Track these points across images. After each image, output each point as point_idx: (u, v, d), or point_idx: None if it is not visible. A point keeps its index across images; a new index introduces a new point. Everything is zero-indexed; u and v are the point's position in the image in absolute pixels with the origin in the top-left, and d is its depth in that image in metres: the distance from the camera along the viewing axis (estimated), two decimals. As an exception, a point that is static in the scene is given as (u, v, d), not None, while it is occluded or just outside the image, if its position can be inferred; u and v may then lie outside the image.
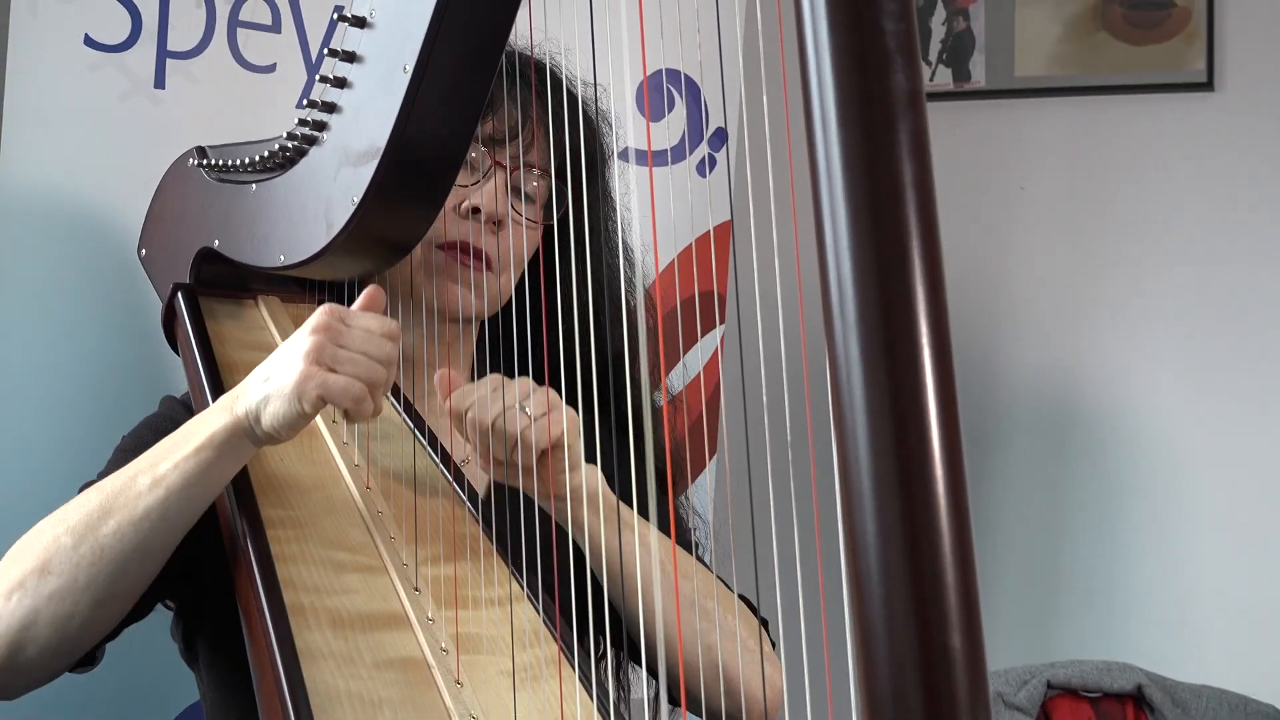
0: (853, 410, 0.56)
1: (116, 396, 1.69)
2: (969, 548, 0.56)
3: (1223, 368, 2.54)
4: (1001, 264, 2.66)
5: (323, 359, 1.05)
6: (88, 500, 1.07)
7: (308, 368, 1.04)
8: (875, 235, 0.56)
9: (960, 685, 0.55)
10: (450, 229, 1.28)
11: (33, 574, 1.05)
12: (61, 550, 1.05)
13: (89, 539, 1.05)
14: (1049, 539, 2.61)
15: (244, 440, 1.07)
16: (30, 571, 1.05)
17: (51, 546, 1.05)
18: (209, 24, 1.81)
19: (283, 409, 1.05)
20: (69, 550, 1.05)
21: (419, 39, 1.06)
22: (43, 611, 1.05)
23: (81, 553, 1.05)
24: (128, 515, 1.05)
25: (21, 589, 1.05)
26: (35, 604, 1.05)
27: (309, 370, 1.04)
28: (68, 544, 1.05)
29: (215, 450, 1.07)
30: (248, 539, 1.08)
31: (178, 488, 1.06)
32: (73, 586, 1.05)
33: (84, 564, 1.05)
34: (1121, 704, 1.96)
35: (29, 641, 1.05)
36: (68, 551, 1.05)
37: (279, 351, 1.09)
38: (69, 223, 1.73)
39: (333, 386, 1.04)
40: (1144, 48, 2.60)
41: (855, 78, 0.57)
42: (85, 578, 1.05)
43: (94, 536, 1.05)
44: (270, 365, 1.08)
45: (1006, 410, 2.63)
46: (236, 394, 1.09)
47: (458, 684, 1.01)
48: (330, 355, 1.05)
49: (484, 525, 1.18)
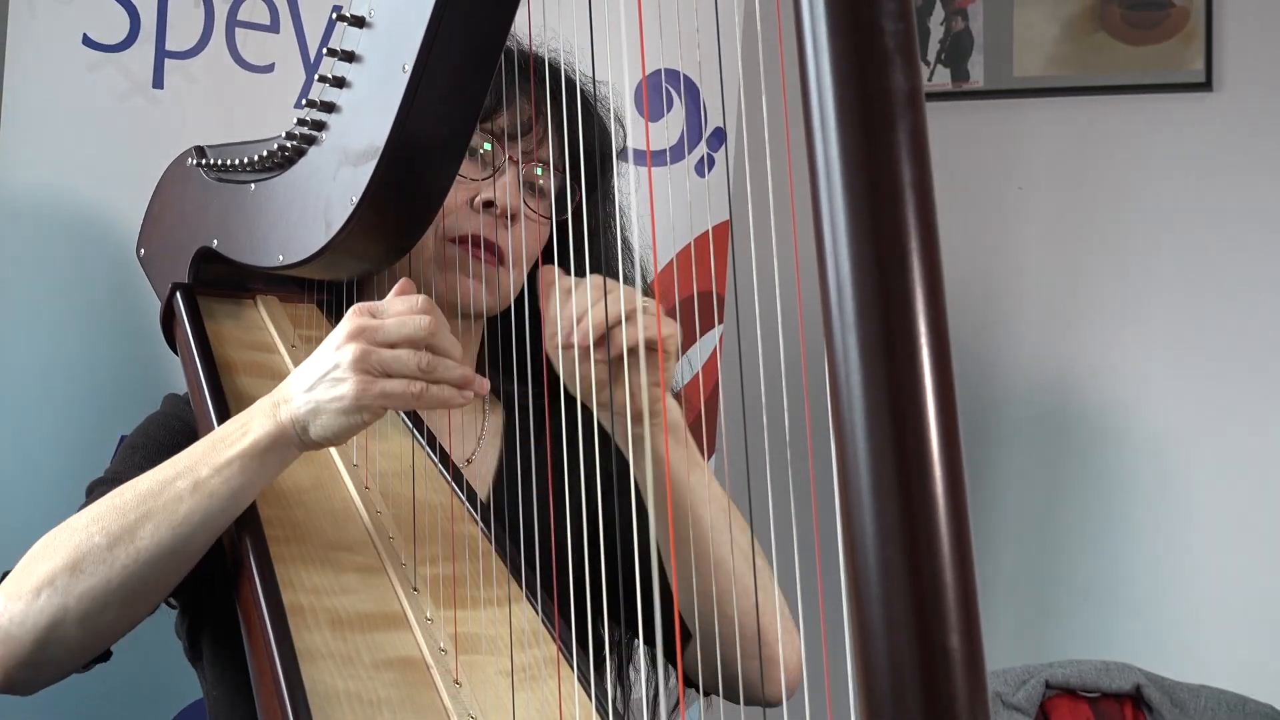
0: (851, 410, 0.56)
1: (115, 396, 1.69)
2: (968, 548, 0.56)
3: (1220, 367, 2.54)
4: (999, 264, 2.66)
5: (371, 366, 1.03)
6: (122, 500, 1.07)
7: (360, 377, 1.03)
8: (874, 235, 0.56)
9: (959, 686, 0.55)
10: (463, 223, 1.27)
11: (63, 572, 1.05)
12: (95, 550, 1.05)
13: (124, 540, 1.05)
14: (1047, 538, 2.61)
15: (289, 447, 1.07)
16: (60, 570, 1.05)
17: (85, 545, 1.05)
18: (207, 24, 1.81)
19: (339, 421, 1.04)
20: (103, 550, 1.05)
21: (418, 38, 1.06)
22: (72, 610, 1.05)
23: (116, 553, 1.04)
24: (166, 518, 1.05)
25: (51, 587, 1.05)
26: (65, 602, 1.05)
27: (362, 381, 1.03)
28: (101, 544, 1.05)
29: (259, 458, 1.06)
30: (246, 539, 1.08)
31: (222, 494, 1.05)
32: (105, 587, 1.04)
33: (117, 564, 1.04)
34: (1120, 704, 1.96)
35: (57, 640, 1.06)
36: (101, 551, 1.05)
37: (320, 358, 1.06)
38: (67, 222, 1.73)
39: (390, 391, 1.03)
40: (1142, 48, 2.60)
41: (854, 78, 0.57)
42: (118, 578, 1.04)
43: (130, 537, 1.05)
44: (313, 372, 1.06)
45: (1004, 410, 2.63)
46: (278, 400, 1.07)
47: (456, 684, 1.02)
48: (377, 360, 1.03)
49: (483, 525, 1.18)
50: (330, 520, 1.14)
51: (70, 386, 1.71)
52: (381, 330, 1.05)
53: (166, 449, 1.21)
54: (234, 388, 1.23)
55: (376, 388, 1.03)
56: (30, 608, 1.05)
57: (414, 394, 1.03)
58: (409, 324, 1.05)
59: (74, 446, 1.69)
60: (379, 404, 1.03)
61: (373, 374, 1.03)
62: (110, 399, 1.70)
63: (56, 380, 1.71)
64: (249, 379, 1.26)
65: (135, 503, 1.06)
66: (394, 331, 1.05)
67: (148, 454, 1.20)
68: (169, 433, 1.24)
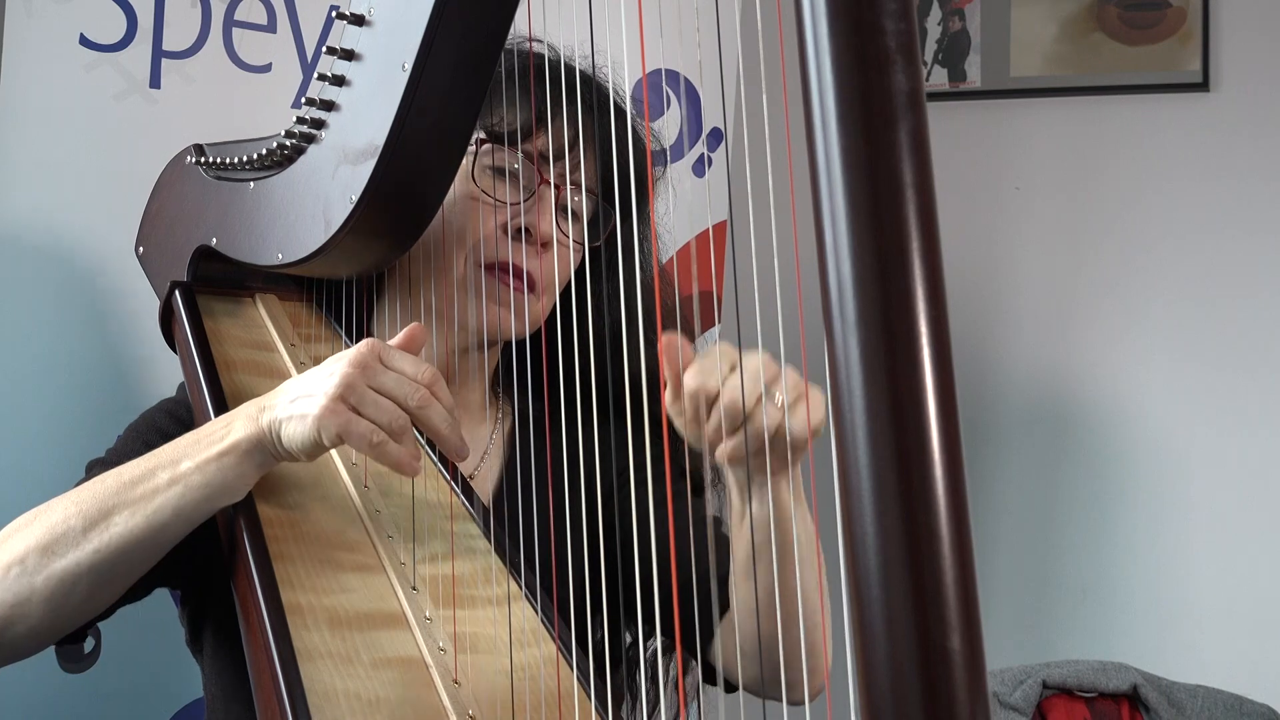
0: (852, 410, 0.56)
1: (113, 394, 1.69)
2: (968, 549, 0.56)
3: (1218, 367, 2.54)
4: (996, 264, 2.66)
5: (349, 397, 1.04)
6: (103, 486, 1.08)
7: (332, 403, 1.04)
8: (875, 235, 0.56)
9: (959, 686, 0.55)
10: (496, 248, 1.25)
11: (35, 551, 1.05)
12: (70, 533, 1.05)
13: (98, 525, 1.05)
14: (1045, 539, 2.61)
15: (266, 453, 1.07)
16: (33, 549, 1.06)
17: (60, 527, 1.06)
18: (204, 24, 1.81)
19: (301, 433, 1.05)
20: (77, 534, 1.05)
21: (418, 37, 1.06)
22: (39, 590, 1.05)
23: (89, 537, 1.05)
24: (141, 508, 1.06)
25: (21, 565, 1.05)
26: (33, 582, 1.05)
27: (333, 406, 1.04)
28: (77, 527, 1.05)
29: (238, 457, 1.07)
30: (245, 537, 1.08)
31: (197, 487, 1.06)
32: (74, 570, 1.05)
33: (88, 549, 1.05)
34: (1117, 704, 1.96)
35: (20, 618, 1.06)
36: (75, 535, 1.05)
37: (316, 373, 1.08)
38: (65, 221, 1.73)
39: (352, 429, 1.04)
40: (1139, 48, 2.60)
41: (855, 77, 0.57)
42: (88, 562, 1.05)
43: (103, 523, 1.05)
44: (302, 385, 1.07)
45: (1002, 410, 2.63)
46: (264, 404, 1.08)
47: (455, 683, 1.01)
48: (359, 396, 1.04)
49: (482, 524, 1.18)
50: (329, 519, 1.14)
51: (68, 384, 1.71)
52: (378, 377, 1.06)
53: (160, 431, 1.22)
54: (233, 385, 1.23)
55: (342, 417, 1.04)
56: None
57: (372, 442, 1.04)
58: (405, 388, 1.06)
59: (72, 444, 1.68)
60: (335, 430, 1.04)
61: (347, 405, 1.04)
62: (108, 397, 1.69)
63: (54, 378, 1.71)
64: (248, 377, 1.26)
65: (115, 490, 1.07)
66: (388, 386, 1.06)
67: (150, 439, 1.20)
68: (173, 420, 1.24)
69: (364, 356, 1.06)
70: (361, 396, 1.04)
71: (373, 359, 1.06)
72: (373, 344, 1.07)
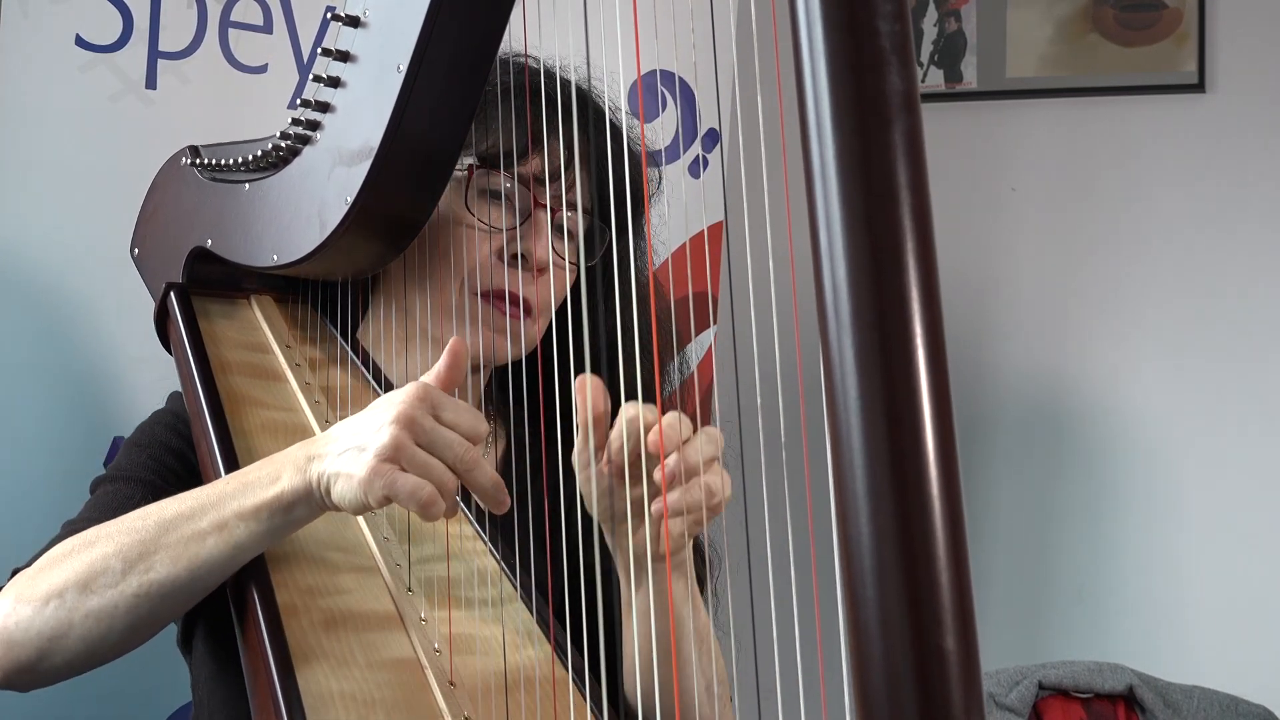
0: (847, 411, 0.56)
1: (109, 396, 1.69)
2: (963, 550, 0.56)
3: (1212, 368, 2.54)
4: (991, 265, 2.66)
5: (398, 457, 0.99)
6: (144, 523, 1.05)
7: (379, 464, 0.99)
8: (870, 237, 0.57)
9: (954, 687, 0.55)
10: (490, 275, 1.24)
11: (73, 588, 1.04)
12: (109, 572, 1.04)
13: (137, 567, 1.03)
14: (1040, 539, 2.62)
15: (313, 504, 1.04)
16: (72, 584, 1.04)
17: (99, 565, 1.04)
18: (200, 24, 1.81)
19: (350, 494, 1.01)
20: (116, 574, 1.03)
21: (413, 38, 1.06)
22: (76, 626, 1.04)
23: (129, 580, 1.03)
24: (183, 553, 1.03)
25: (60, 599, 1.04)
26: (70, 618, 1.04)
27: (379, 467, 0.99)
28: (116, 568, 1.03)
29: (285, 511, 1.03)
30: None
31: (242, 540, 1.03)
32: (112, 611, 1.04)
33: (128, 592, 1.03)
34: (1113, 704, 1.96)
35: (56, 651, 1.05)
36: (114, 575, 1.03)
37: (367, 420, 1.02)
38: (60, 222, 1.72)
39: (400, 489, 0.99)
40: (1135, 49, 2.60)
41: (850, 79, 0.57)
42: (126, 605, 1.04)
43: (143, 565, 1.03)
44: (353, 434, 1.02)
45: (996, 411, 2.63)
46: (312, 454, 1.03)
47: (451, 684, 1.01)
48: (408, 456, 0.99)
49: (477, 526, 1.18)
50: (324, 520, 1.14)
51: (64, 387, 1.71)
52: (429, 435, 1.01)
53: (170, 449, 1.21)
54: (228, 387, 1.23)
55: (388, 476, 0.99)
56: (37, 616, 1.05)
57: (420, 500, 0.99)
58: (455, 450, 1.01)
59: (68, 447, 1.68)
60: (383, 492, 0.99)
61: (394, 464, 0.99)
62: (104, 399, 1.69)
63: (50, 380, 1.70)
64: (243, 378, 1.26)
65: (156, 532, 1.04)
66: (440, 444, 1.01)
67: (153, 452, 1.20)
68: (173, 433, 1.23)
69: (413, 411, 1.00)
70: (411, 457, 1.00)
71: (424, 413, 1.01)
72: (425, 392, 1.02)
